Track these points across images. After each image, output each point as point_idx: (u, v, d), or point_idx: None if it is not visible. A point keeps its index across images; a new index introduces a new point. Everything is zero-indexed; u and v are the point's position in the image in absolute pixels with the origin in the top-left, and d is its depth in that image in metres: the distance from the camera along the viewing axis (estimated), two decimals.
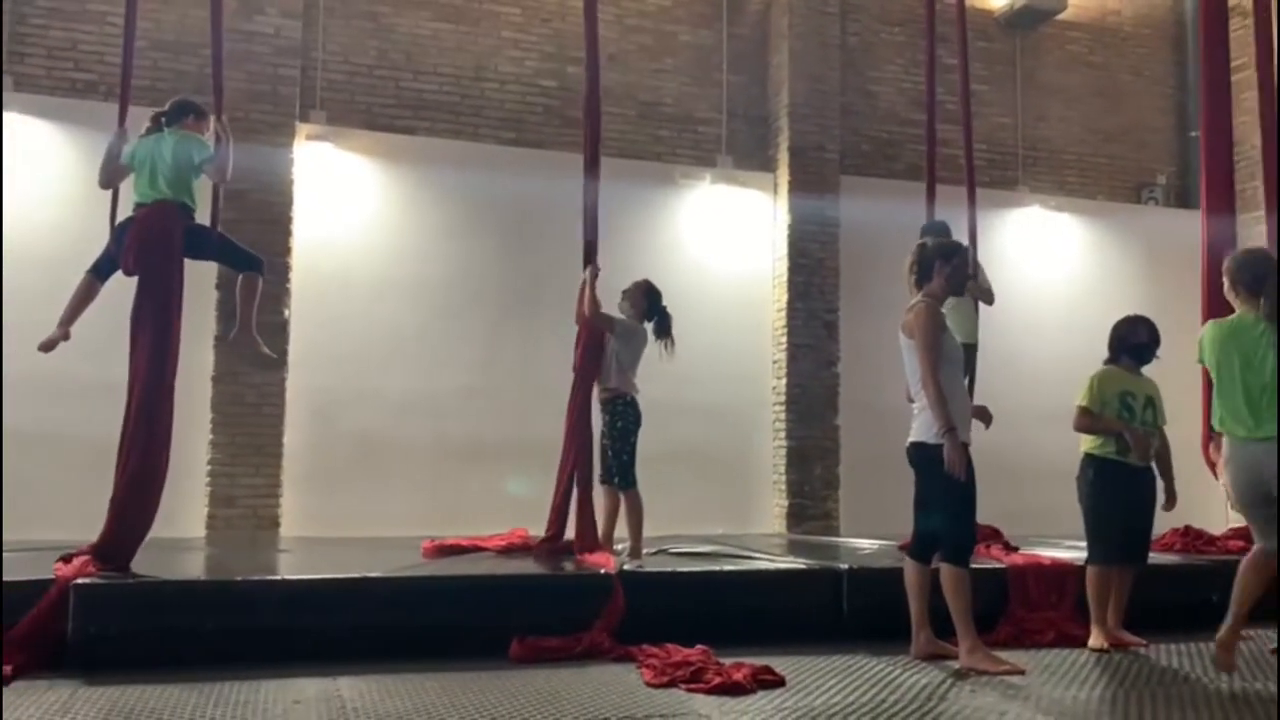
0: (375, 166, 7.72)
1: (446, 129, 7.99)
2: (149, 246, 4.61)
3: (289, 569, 5.33)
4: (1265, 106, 6.88)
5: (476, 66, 8.12)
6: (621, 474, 5.46)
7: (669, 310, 5.74)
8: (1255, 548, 4.13)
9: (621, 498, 5.50)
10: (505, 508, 6.88)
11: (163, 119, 4.90)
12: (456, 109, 8.05)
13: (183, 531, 6.75)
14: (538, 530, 5.82)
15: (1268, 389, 3.98)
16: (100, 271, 4.80)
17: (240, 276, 5.12)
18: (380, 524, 7.02)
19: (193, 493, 6.98)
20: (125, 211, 4.83)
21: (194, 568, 5.34)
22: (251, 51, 7.30)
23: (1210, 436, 6.42)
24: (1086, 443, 5.03)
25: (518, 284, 7.75)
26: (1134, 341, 5.07)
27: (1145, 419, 4.93)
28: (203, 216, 4.99)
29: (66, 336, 4.75)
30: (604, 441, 5.52)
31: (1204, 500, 7.03)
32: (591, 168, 5.84)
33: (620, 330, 5.56)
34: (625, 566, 4.97)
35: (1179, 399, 6.00)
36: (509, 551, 5.60)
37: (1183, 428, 6.11)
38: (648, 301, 5.69)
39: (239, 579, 4.68)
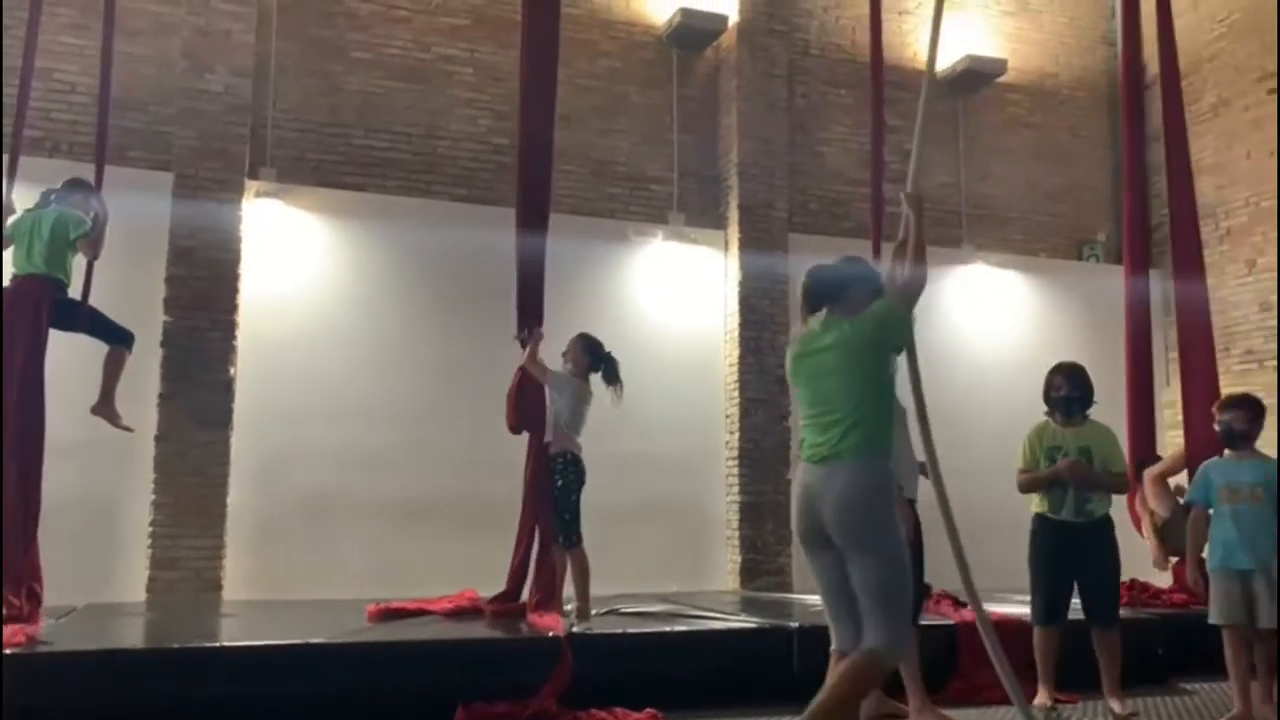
0: (325, 223, 7.70)
1: (398, 186, 8.00)
2: (17, 317, 4.86)
3: (231, 635, 5.20)
4: (1173, 169, 7.04)
5: (429, 124, 8.17)
6: (564, 533, 5.41)
7: (613, 356, 5.73)
8: None
9: (567, 557, 5.45)
10: (455, 568, 6.79)
11: (52, 195, 5.22)
12: (408, 166, 8.08)
13: (123, 596, 6.60)
14: (487, 591, 5.76)
15: None
16: None
17: (107, 349, 5.31)
18: (327, 585, 6.90)
19: (134, 555, 6.83)
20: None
21: (133, 635, 5.20)
22: (202, 110, 7.29)
23: (1137, 489, 6.55)
24: (1032, 502, 5.08)
25: (468, 340, 7.72)
26: (1055, 395, 5.10)
27: None
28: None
29: None
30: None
31: (1150, 554, 7.12)
32: (528, 223, 5.79)
33: (556, 382, 5.54)
34: (574, 628, 4.92)
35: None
36: (457, 614, 5.52)
37: None
38: (589, 356, 5.68)
39: (178, 646, 4.56)
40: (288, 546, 7.17)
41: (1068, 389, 5.02)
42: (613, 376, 5.70)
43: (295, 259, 7.61)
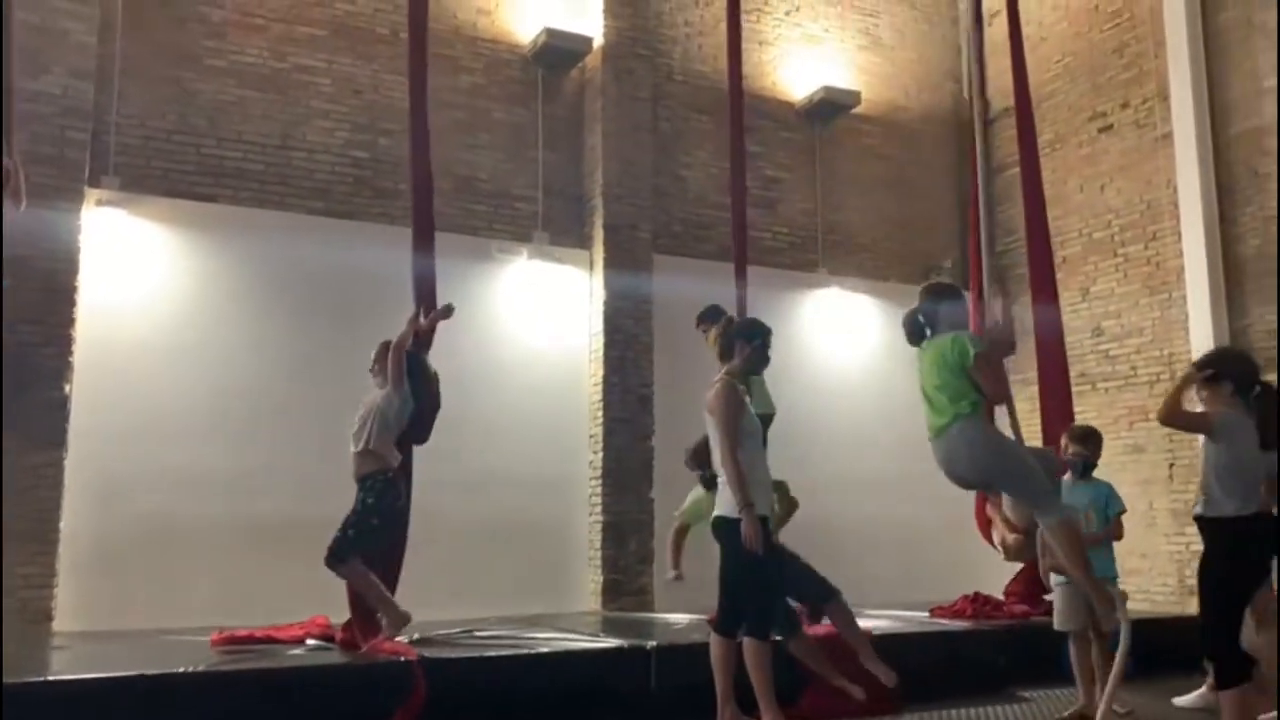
0: (172, 235, 7.38)
1: (250, 198, 7.74)
2: None
3: (61, 668, 4.90)
4: (1029, 201, 7.49)
5: (284, 135, 7.93)
6: (335, 550, 5.11)
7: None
8: None
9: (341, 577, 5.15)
10: (307, 592, 6.56)
11: None
12: (262, 177, 7.82)
13: None
14: (340, 617, 5.58)
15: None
16: None
17: None
18: (169, 614, 6.58)
19: None
20: None
21: None
22: (36, 112, 6.87)
23: (985, 499, 6.81)
24: None
25: (322, 357, 7.50)
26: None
27: None
28: None
29: None
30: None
31: (990, 566, 7.44)
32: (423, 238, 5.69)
33: (399, 394, 5.32)
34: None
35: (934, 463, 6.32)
36: (306, 641, 5.33)
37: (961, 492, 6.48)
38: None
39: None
40: (126, 573, 6.80)
41: None
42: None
43: (139, 271, 7.26)
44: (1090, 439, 5.54)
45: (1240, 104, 8.58)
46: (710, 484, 5.24)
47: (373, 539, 5.16)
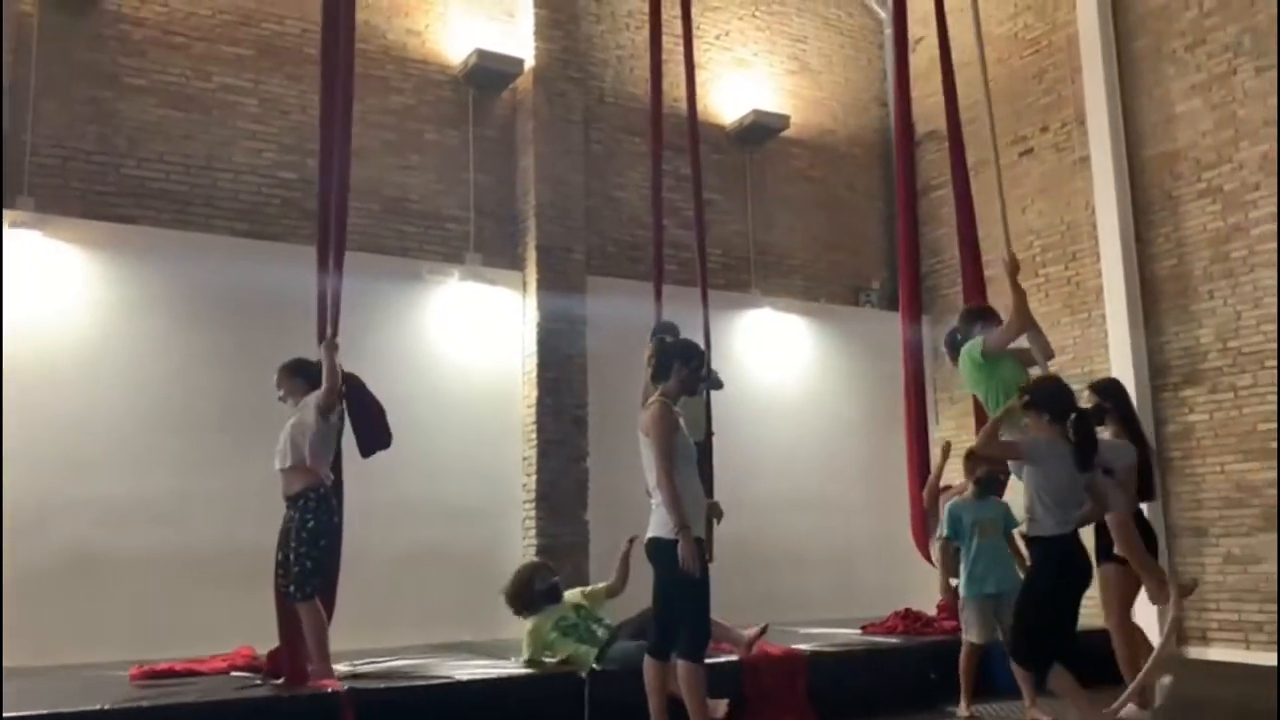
0: (91, 257, 7.17)
1: (173, 219, 7.57)
2: None
3: None
4: (962, 223, 7.66)
5: (208, 155, 7.79)
6: (299, 583, 4.95)
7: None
8: None
9: (300, 612, 4.97)
10: (233, 623, 6.41)
11: None
12: (185, 199, 7.66)
13: None
14: (266, 647, 5.45)
15: None
16: None
17: None
18: (88, 648, 6.36)
19: None
20: None
21: None
22: None
23: (924, 519, 6.94)
24: None
25: (248, 381, 7.33)
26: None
27: None
28: None
29: None
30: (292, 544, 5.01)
31: (921, 583, 7.54)
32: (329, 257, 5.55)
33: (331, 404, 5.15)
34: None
35: (890, 482, 6.43)
36: (230, 673, 5.18)
37: (892, 509, 6.58)
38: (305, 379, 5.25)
39: None
40: (42, 607, 6.54)
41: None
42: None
43: (56, 294, 7.04)
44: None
45: (1153, 129, 8.88)
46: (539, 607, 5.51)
47: (326, 560, 5.05)
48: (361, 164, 8.26)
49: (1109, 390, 5.43)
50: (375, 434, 5.36)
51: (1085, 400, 5.25)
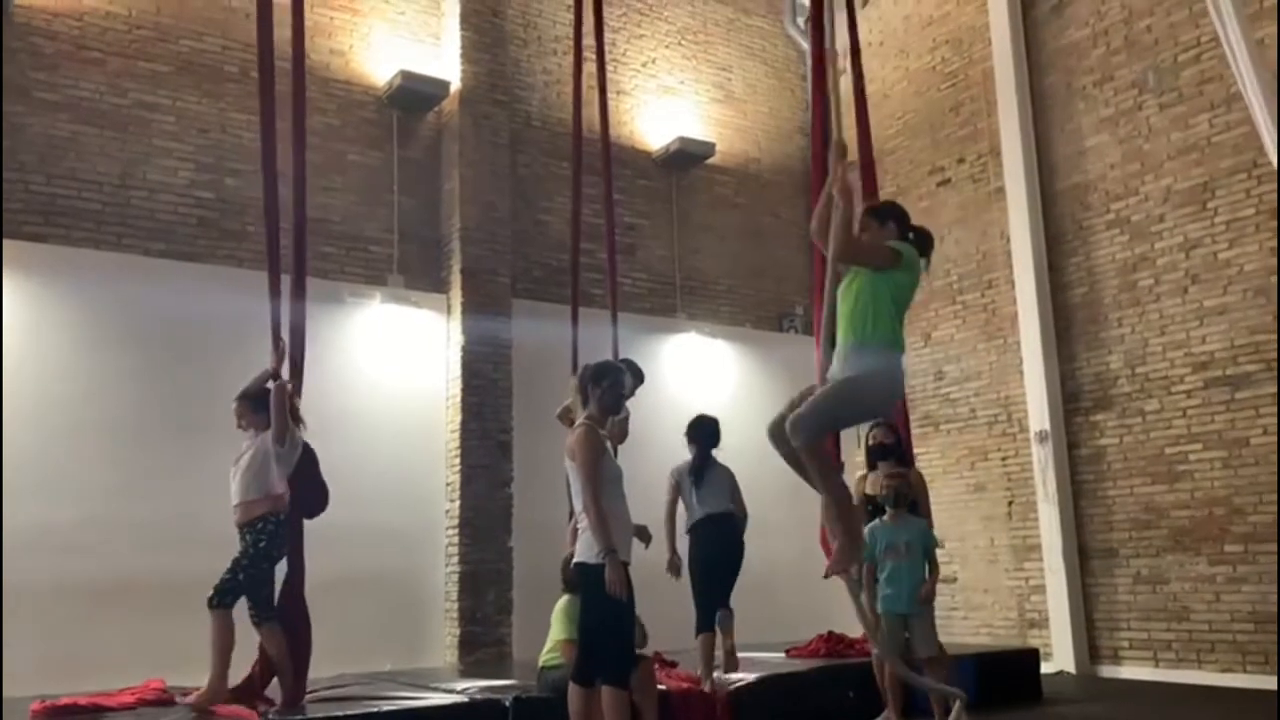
0: None
1: (85, 238, 7.34)
2: None
3: None
4: None
5: (122, 173, 7.58)
6: (220, 590, 4.93)
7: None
8: None
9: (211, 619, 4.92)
10: (148, 655, 6.19)
11: None
12: (97, 217, 7.43)
13: None
14: (181, 679, 5.27)
15: None
16: None
17: None
18: None
19: None
20: None
21: None
22: None
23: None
24: None
25: (163, 404, 7.15)
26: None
27: None
28: None
29: None
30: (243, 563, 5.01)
31: (844, 605, 7.59)
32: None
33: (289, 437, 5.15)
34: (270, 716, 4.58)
35: (812, 504, 6.48)
36: (138, 707, 4.99)
37: (814, 531, 6.62)
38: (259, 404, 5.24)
39: None
40: None
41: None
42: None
43: None
44: (902, 476, 6.01)
45: (1064, 162, 9.19)
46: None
47: (261, 581, 5.02)
48: (283, 184, 8.13)
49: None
50: (316, 500, 5.39)
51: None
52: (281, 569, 5.16)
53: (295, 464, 5.19)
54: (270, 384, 5.23)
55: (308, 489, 5.28)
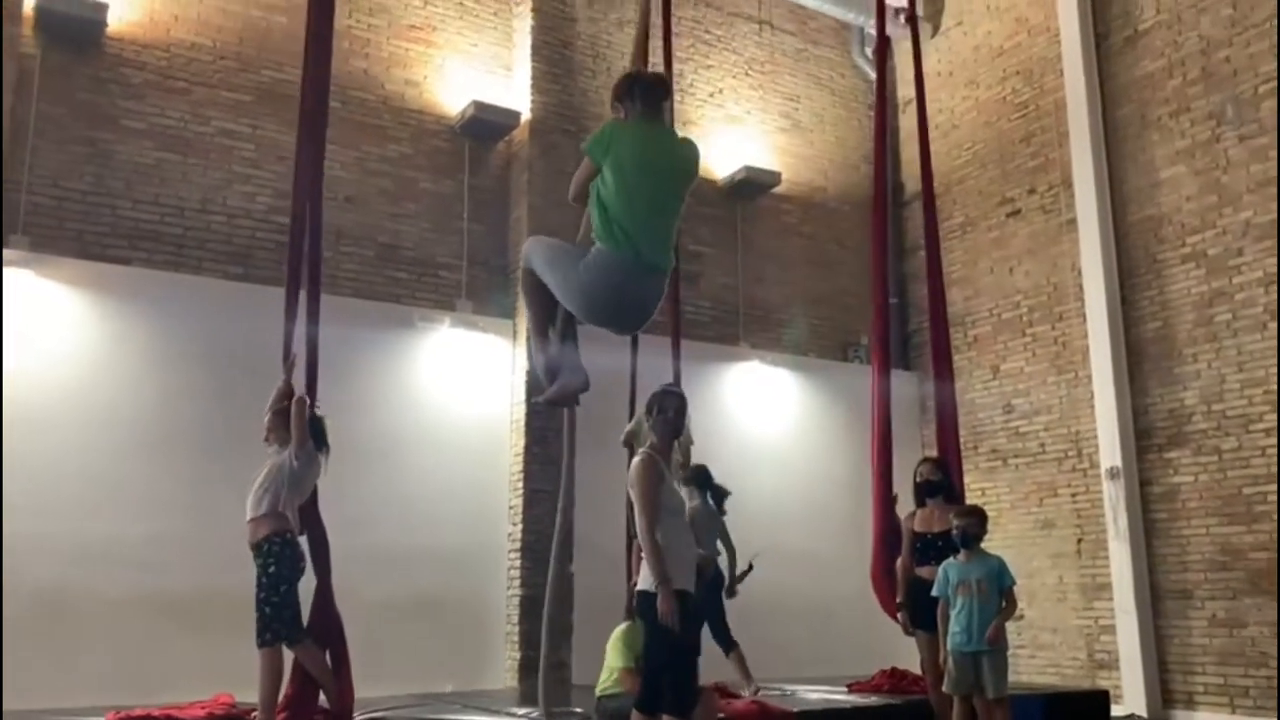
0: (83, 297, 7.16)
1: (166, 261, 7.58)
2: None
3: None
4: (932, 283, 7.74)
5: (203, 199, 7.83)
6: (259, 630, 4.87)
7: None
8: None
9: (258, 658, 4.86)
10: (212, 669, 6.33)
11: None
12: (179, 241, 7.69)
13: None
14: (246, 696, 5.37)
15: None
16: None
17: None
18: (63, 693, 6.24)
19: None
20: None
21: None
22: None
23: (883, 563, 6.75)
24: None
25: (234, 423, 7.28)
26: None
27: None
28: None
29: None
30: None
31: (904, 642, 7.47)
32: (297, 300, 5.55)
33: (306, 452, 5.12)
34: None
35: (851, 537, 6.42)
36: None
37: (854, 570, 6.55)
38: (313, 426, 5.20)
39: None
40: (17, 650, 6.43)
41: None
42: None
43: (47, 334, 7.02)
44: (975, 514, 5.83)
45: (1137, 193, 9.03)
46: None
47: (285, 606, 4.93)
48: (357, 210, 8.36)
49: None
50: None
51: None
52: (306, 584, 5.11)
53: (309, 490, 5.14)
54: (286, 398, 5.20)
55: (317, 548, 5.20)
